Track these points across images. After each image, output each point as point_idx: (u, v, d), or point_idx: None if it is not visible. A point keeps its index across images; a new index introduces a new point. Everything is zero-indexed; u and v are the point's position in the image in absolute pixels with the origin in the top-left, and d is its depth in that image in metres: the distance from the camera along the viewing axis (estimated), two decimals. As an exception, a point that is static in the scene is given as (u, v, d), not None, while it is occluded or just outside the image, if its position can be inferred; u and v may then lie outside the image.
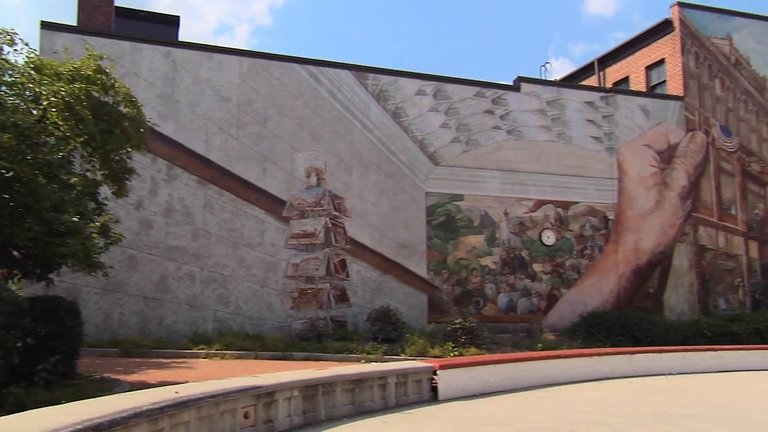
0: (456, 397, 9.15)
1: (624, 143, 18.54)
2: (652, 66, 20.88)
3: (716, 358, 13.44)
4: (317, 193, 15.65)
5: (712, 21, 20.40)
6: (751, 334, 16.32)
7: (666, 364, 12.80)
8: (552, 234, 17.62)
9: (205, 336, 13.41)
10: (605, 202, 18.16)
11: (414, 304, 16.06)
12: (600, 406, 8.85)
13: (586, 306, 17.25)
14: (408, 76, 16.92)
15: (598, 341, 15.41)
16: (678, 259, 18.62)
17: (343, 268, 15.54)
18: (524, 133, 17.72)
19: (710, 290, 18.89)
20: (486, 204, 17.09)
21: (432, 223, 16.59)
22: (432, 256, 16.45)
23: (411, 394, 8.74)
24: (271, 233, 15.11)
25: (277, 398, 6.61)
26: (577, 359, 11.91)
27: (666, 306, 18.30)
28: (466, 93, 17.32)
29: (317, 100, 15.93)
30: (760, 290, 19.63)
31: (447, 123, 17.05)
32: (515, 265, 17.18)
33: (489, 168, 17.23)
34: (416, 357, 12.32)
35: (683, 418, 7.85)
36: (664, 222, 18.56)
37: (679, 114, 19.27)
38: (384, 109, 16.49)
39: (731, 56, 20.46)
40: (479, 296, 16.69)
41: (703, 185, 19.28)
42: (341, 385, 7.64)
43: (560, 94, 18.36)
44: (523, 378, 10.59)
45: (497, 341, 14.84)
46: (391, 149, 16.43)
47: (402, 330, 14.42)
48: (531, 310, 17.04)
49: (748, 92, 20.58)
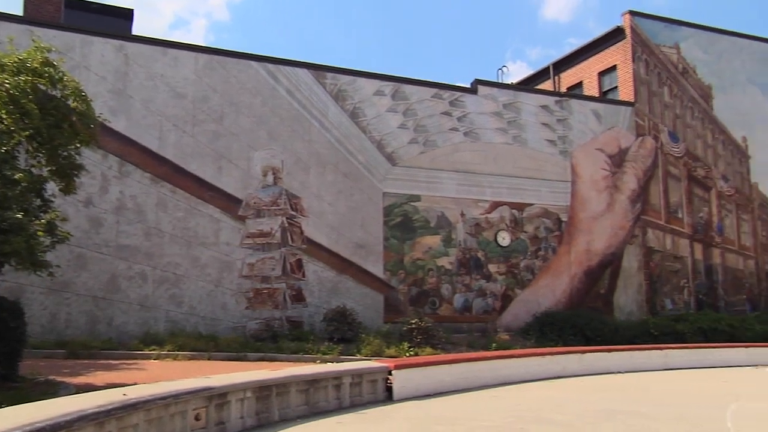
0: (411, 397, 9.20)
1: (577, 147, 18.96)
2: (605, 72, 21.42)
3: (662, 356, 13.87)
4: (274, 192, 15.50)
5: (662, 30, 21.06)
6: (695, 333, 16.89)
7: (615, 363, 13.14)
8: (507, 235, 17.89)
9: (156, 337, 13.12)
10: (559, 204, 18.53)
11: (370, 304, 16.07)
12: (551, 404, 9.02)
13: (539, 306, 17.57)
14: (366, 76, 16.93)
15: (551, 341, 15.71)
16: (627, 261, 19.14)
17: (299, 267, 15.44)
18: (481, 135, 17.94)
19: (657, 291, 19.49)
20: (443, 205, 17.23)
21: (389, 223, 16.64)
22: (389, 256, 16.50)
23: (366, 394, 8.74)
24: (227, 232, 14.90)
25: (230, 399, 6.52)
26: (529, 359, 12.12)
27: (616, 306, 18.79)
28: (424, 94, 17.43)
29: (275, 98, 15.78)
30: (704, 291, 20.36)
31: (405, 124, 17.12)
32: (471, 265, 17.38)
33: (446, 169, 17.38)
34: (372, 357, 12.33)
35: (630, 415, 8.07)
36: (615, 224, 19.06)
37: (630, 119, 19.82)
38: (342, 109, 16.45)
39: (679, 64, 21.16)
40: (435, 296, 16.82)
41: (652, 189, 19.87)
42: (295, 386, 7.59)
43: (516, 97, 18.65)
44: (477, 377, 10.71)
45: (452, 341, 14.97)
46: (349, 149, 16.41)
47: (358, 330, 14.42)
48: (486, 310, 17.26)
49: (695, 100, 21.32)
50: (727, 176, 21.57)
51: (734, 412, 8.23)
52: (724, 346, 15.15)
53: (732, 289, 20.93)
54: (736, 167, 21.92)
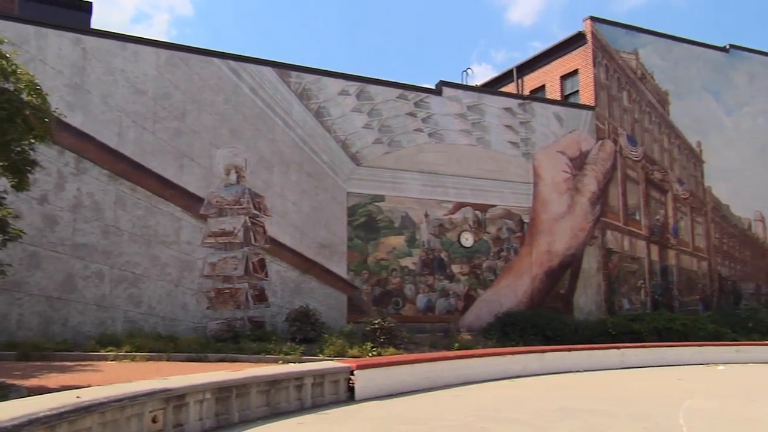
0: (373, 397, 9.19)
1: (539, 149, 19.24)
2: (567, 76, 21.80)
3: (619, 355, 14.16)
4: (237, 191, 15.31)
5: (621, 36, 21.54)
6: (650, 332, 17.30)
7: (574, 362, 13.37)
8: (470, 236, 18.04)
9: (114, 337, 12.82)
10: (521, 205, 18.78)
11: (334, 305, 16.01)
12: (511, 403, 9.12)
13: (501, 306, 17.77)
14: (331, 75, 16.87)
15: (512, 340, 15.90)
16: (587, 262, 19.51)
17: (262, 267, 15.29)
18: (445, 137, 18.05)
19: (615, 291, 19.91)
20: (407, 205, 17.28)
21: (353, 223, 16.61)
22: (352, 256, 16.47)
23: (328, 394, 8.70)
24: (188, 231, 14.66)
25: (188, 401, 6.41)
26: (491, 358, 12.24)
27: (575, 306, 19.13)
28: (389, 95, 17.46)
29: (238, 96, 15.60)
30: (660, 291, 20.89)
31: (370, 124, 17.12)
32: (434, 266, 17.47)
33: (410, 170, 17.44)
34: (335, 357, 12.28)
35: (587, 413, 8.22)
36: (575, 226, 19.40)
37: (591, 123, 20.21)
38: (307, 108, 16.36)
39: (637, 70, 21.67)
40: (399, 296, 16.85)
41: (611, 191, 20.30)
42: (256, 387, 7.50)
43: (480, 99, 18.83)
44: (439, 377, 10.77)
45: (415, 341, 15.02)
46: (314, 148, 16.32)
47: (321, 330, 14.35)
48: (449, 311, 17.37)
49: (652, 105, 21.86)
50: (682, 180, 22.17)
51: (687, 409, 8.46)
52: (678, 345, 15.55)
53: (686, 289, 21.52)
54: (691, 171, 22.55)
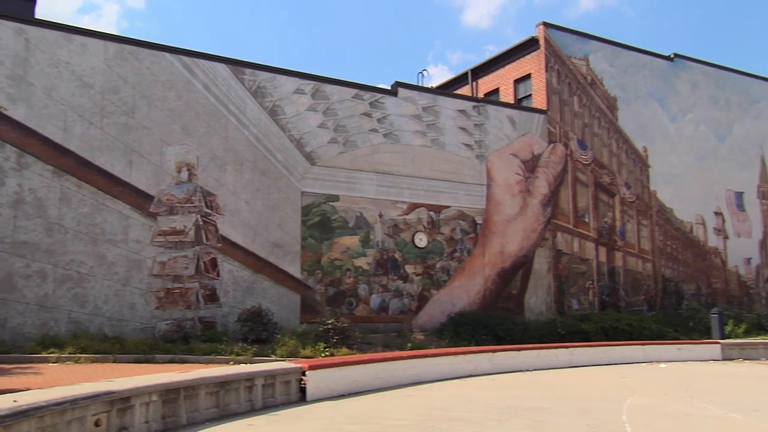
0: (325, 398, 9.17)
1: (493, 151, 19.52)
2: (520, 80, 22.18)
3: (567, 354, 14.48)
4: (188, 188, 15.02)
5: (572, 42, 22.06)
6: (597, 332, 17.75)
7: (524, 361, 13.61)
8: (424, 236, 18.15)
9: (56, 339, 12.38)
10: (474, 206, 19.01)
11: (287, 305, 15.87)
12: (462, 402, 9.22)
13: (454, 306, 17.94)
14: (287, 74, 16.71)
15: (465, 340, 16.08)
16: (538, 263, 19.88)
17: (213, 267, 15.03)
18: (400, 137, 18.12)
19: (565, 292, 20.36)
20: (361, 205, 17.28)
21: (307, 223, 16.50)
22: (306, 256, 16.36)
23: (279, 395, 8.63)
24: (137, 229, 14.29)
25: (134, 404, 6.25)
26: (443, 358, 12.35)
27: (526, 306, 19.47)
28: (345, 94, 17.42)
29: (190, 92, 15.30)
30: (607, 292, 21.47)
31: (325, 123, 17.04)
32: (388, 266, 17.51)
33: (365, 170, 17.44)
34: (287, 358, 12.18)
35: (535, 411, 8.38)
36: (527, 227, 19.75)
37: (543, 126, 20.62)
38: (261, 106, 16.17)
39: (588, 76, 22.23)
40: (352, 297, 16.83)
41: (562, 194, 20.75)
42: (205, 388, 7.38)
43: (435, 101, 18.98)
44: (391, 377, 10.81)
45: (369, 341, 15.02)
46: (268, 147, 16.15)
47: (273, 331, 14.21)
48: (402, 311, 17.44)
49: (601, 110, 22.46)
50: (629, 183, 22.84)
51: (630, 405, 8.72)
52: (623, 344, 16.00)
53: (632, 290, 22.18)
54: (638, 175, 23.26)
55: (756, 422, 7.74)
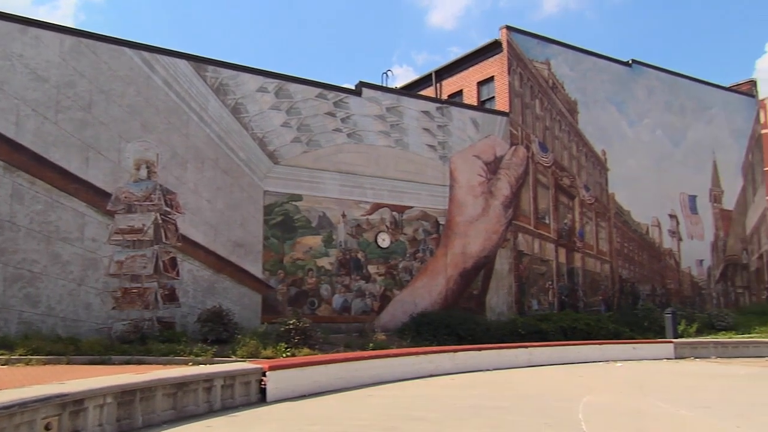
0: (285, 398, 9.10)
1: (456, 153, 19.67)
2: (483, 82, 22.41)
3: (527, 354, 14.69)
4: (147, 186, 14.72)
5: (534, 46, 22.39)
6: (557, 331, 18.06)
7: (484, 361, 13.75)
8: (387, 237, 18.18)
9: (6, 340, 11.99)
10: (437, 207, 19.12)
11: (248, 305, 15.70)
12: (423, 402, 9.27)
13: (416, 307, 18.02)
14: (250, 71, 16.53)
15: (426, 340, 16.16)
16: (499, 263, 20.11)
17: (173, 266, 14.77)
18: (364, 137, 18.12)
19: (525, 292, 20.66)
20: (324, 205, 17.21)
21: (269, 222, 16.36)
22: (268, 255, 16.22)
23: (238, 396, 8.53)
24: (93, 228, 13.94)
25: (87, 406, 6.09)
26: (404, 358, 12.39)
27: (487, 306, 19.68)
28: (309, 93, 17.32)
29: (150, 88, 15.00)
30: (566, 292, 21.85)
31: (288, 122, 16.92)
32: (351, 266, 17.48)
33: (328, 169, 17.37)
34: (248, 358, 12.04)
35: (495, 410, 8.47)
36: (489, 228, 19.96)
37: (505, 129, 20.87)
38: (223, 104, 15.96)
39: (549, 79, 22.60)
40: (314, 297, 16.75)
41: (523, 196, 21.04)
42: (162, 389, 7.24)
43: (399, 101, 19.03)
44: (353, 377, 10.80)
45: (330, 341, 14.98)
46: (230, 145, 15.94)
47: (234, 331, 14.05)
48: (364, 311, 17.43)
49: (562, 113, 22.86)
50: (588, 186, 23.30)
51: (586, 404, 8.89)
52: (581, 344, 16.31)
53: (590, 290, 22.63)
54: (597, 178, 23.74)
55: (704, 418, 7.98)
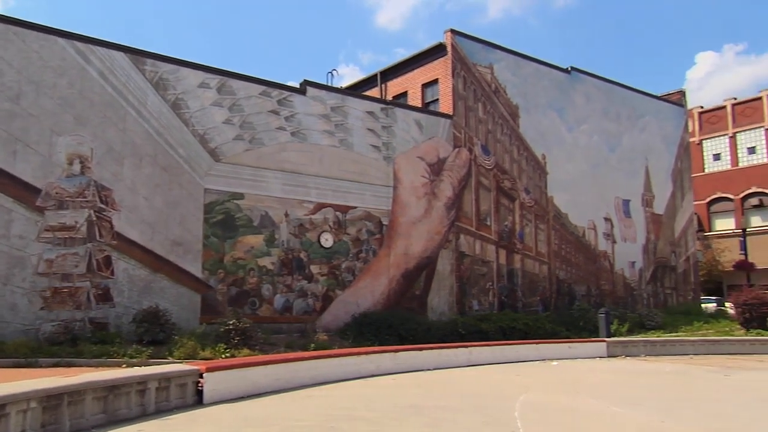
0: (223, 400, 8.92)
1: (400, 154, 19.78)
2: (428, 84, 22.63)
3: (467, 353, 14.88)
4: (81, 182, 14.18)
5: (478, 50, 22.77)
6: (496, 331, 18.39)
7: (425, 361, 13.85)
8: (330, 237, 18.12)
9: (-76, 343, 11.32)
10: (381, 208, 19.18)
11: (186, 305, 15.33)
12: (363, 402, 9.26)
13: (358, 307, 18.02)
14: (191, 66, 16.15)
15: (368, 341, 16.18)
16: (441, 264, 20.35)
17: (107, 265, 14.27)
18: (308, 137, 17.99)
19: (466, 292, 20.97)
20: (267, 204, 16.99)
21: (210, 221, 16.02)
22: (208, 255, 15.88)
23: (174, 398, 8.31)
24: (20, 224, 13.31)
25: (8, 411, 5.81)
26: (346, 358, 12.35)
27: (429, 307, 19.87)
28: (252, 91, 17.07)
29: (85, 80, 14.45)
30: (506, 293, 22.31)
31: (231, 119, 16.62)
32: (293, 266, 17.33)
33: (271, 168, 17.17)
34: (185, 360, 11.76)
35: (435, 409, 8.55)
36: (432, 229, 20.16)
37: (449, 131, 21.13)
38: (163, 99, 15.53)
39: (492, 84, 23.02)
40: (255, 297, 16.51)
41: (465, 197, 21.35)
42: (92, 393, 6.98)
43: (344, 101, 19.00)
44: (293, 378, 10.69)
45: (271, 342, 14.81)
46: (169, 141, 15.53)
47: (171, 332, 13.70)
48: (306, 311, 17.31)
49: (504, 117, 23.34)
50: (528, 189, 23.85)
51: (522, 402, 9.09)
52: (519, 343, 16.64)
53: (528, 291, 23.17)
54: (536, 181, 24.34)
55: (632, 414, 8.30)
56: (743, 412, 8.61)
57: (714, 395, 10.30)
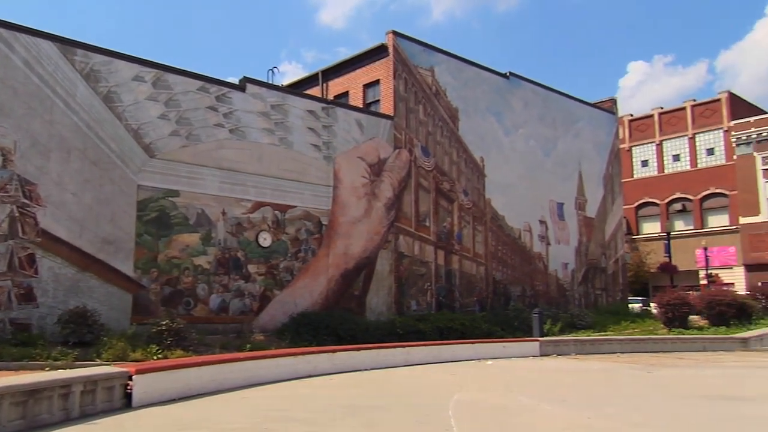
0: (154, 403, 8.66)
1: (340, 153, 19.74)
2: (369, 85, 22.68)
3: (404, 353, 14.99)
4: (2, 176, 13.48)
5: (419, 53, 22.99)
6: (434, 331, 18.60)
7: (363, 361, 13.87)
8: (269, 236, 17.89)
9: None
10: (320, 207, 19.08)
11: (117, 305, 14.81)
12: (299, 403, 9.20)
13: (296, 307, 17.86)
14: (125, 59, 15.62)
15: (306, 341, 16.06)
16: (380, 264, 20.42)
17: (30, 263, 13.62)
18: (247, 134, 17.71)
19: (405, 293, 21.12)
20: (203, 202, 16.62)
21: (143, 218, 15.54)
22: (141, 253, 15.40)
23: (100, 402, 8.01)
24: (-65, 220, 12.54)
25: None
26: (282, 359, 12.23)
27: (368, 307, 19.90)
28: (190, 86, 16.66)
29: (8, 68, 13.74)
30: (443, 293, 22.61)
31: (166, 114, 16.17)
32: (230, 265, 17.02)
33: (209, 165, 16.81)
34: (114, 362, 11.36)
35: (370, 409, 8.58)
36: (371, 230, 20.21)
37: (389, 132, 21.24)
38: (94, 91, 14.96)
39: (433, 86, 23.29)
40: (190, 296, 16.12)
41: (405, 198, 21.51)
42: (9, 398, 6.64)
43: (285, 99, 18.80)
44: (227, 379, 10.50)
45: (206, 343, 14.50)
46: (101, 135, 14.97)
47: (100, 333, 13.20)
48: (243, 311, 17.03)
49: (444, 120, 23.65)
50: (467, 191, 24.24)
51: (456, 401, 9.23)
52: (456, 343, 16.89)
53: (466, 291, 23.55)
54: (475, 184, 24.77)
55: (560, 411, 8.57)
56: (662, 407, 9.03)
57: (637, 391, 10.75)
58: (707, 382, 12.09)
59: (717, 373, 13.54)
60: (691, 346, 19.17)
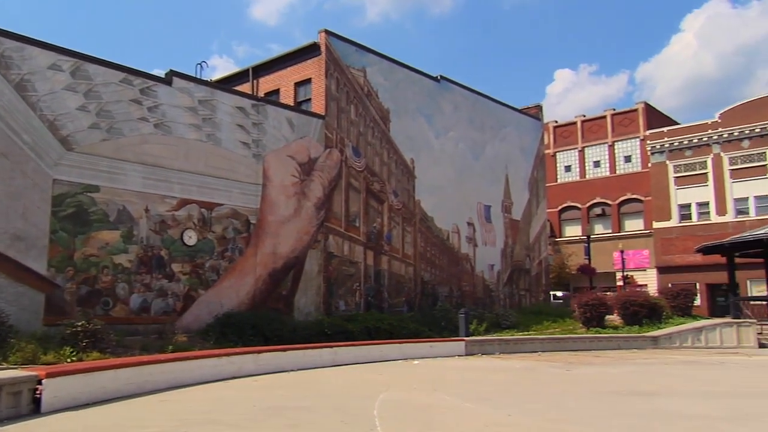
0: (66, 408, 8.27)
1: (270, 152, 19.46)
2: (301, 83, 22.47)
3: (332, 354, 14.95)
4: None
5: (352, 53, 22.99)
6: (362, 332, 18.60)
7: (289, 361, 13.73)
8: (194, 234, 17.41)
9: None
10: (249, 206, 18.74)
11: (27, 305, 14.01)
12: (221, 405, 9.00)
13: (222, 307, 17.45)
14: (40, 45, 14.81)
15: (231, 341, 15.71)
16: (309, 264, 20.27)
17: (-69, 261, 12.69)
18: (173, 129, 17.17)
19: (333, 293, 21.05)
20: (125, 198, 15.99)
21: (59, 214, 14.78)
22: (56, 251, 14.64)
23: (5, 408, 7.58)
24: None
25: None
26: (205, 360, 11.96)
27: (296, 307, 19.71)
28: (111, 77, 15.98)
29: None
30: (372, 293, 22.68)
31: (86, 106, 15.45)
32: (153, 264, 16.44)
33: (131, 161, 16.18)
34: (22, 365, 10.73)
35: (295, 410, 8.49)
36: (301, 229, 20.03)
37: (320, 131, 21.12)
38: (5, 78, 14.11)
39: (364, 87, 23.33)
40: (109, 296, 15.46)
41: (335, 198, 21.45)
42: None
43: (213, 95, 18.35)
44: (147, 382, 10.16)
45: (125, 344, 13.94)
46: (12, 126, 14.12)
47: (8, 335, 12.40)
48: (166, 311, 16.49)
49: (375, 121, 23.74)
50: (397, 192, 24.43)
51: (382, 400, 9.28)
52: (383, 343, 17.00)
53: (394, 292, 23.73)
54: (405, 185, 25.00)
55: (483, 409, 8.77)
56: (578, 403, 9.40)
57: (556, 389, 11.15)
58: (620, 379, 12.70)
59: (629, 371, 14.23)
60: (607, 344, 20.09)
